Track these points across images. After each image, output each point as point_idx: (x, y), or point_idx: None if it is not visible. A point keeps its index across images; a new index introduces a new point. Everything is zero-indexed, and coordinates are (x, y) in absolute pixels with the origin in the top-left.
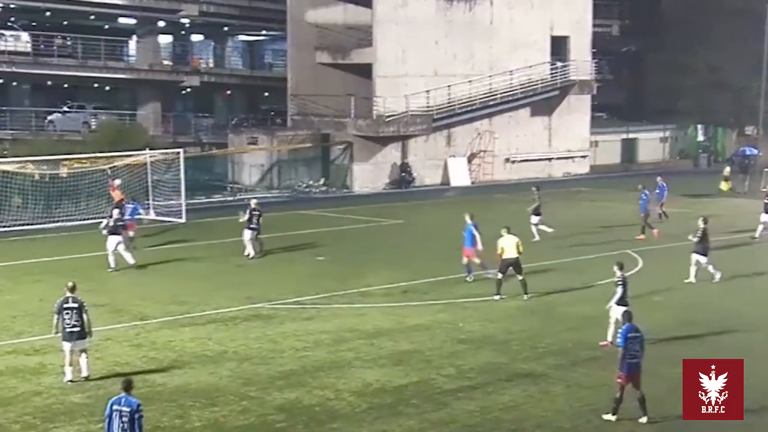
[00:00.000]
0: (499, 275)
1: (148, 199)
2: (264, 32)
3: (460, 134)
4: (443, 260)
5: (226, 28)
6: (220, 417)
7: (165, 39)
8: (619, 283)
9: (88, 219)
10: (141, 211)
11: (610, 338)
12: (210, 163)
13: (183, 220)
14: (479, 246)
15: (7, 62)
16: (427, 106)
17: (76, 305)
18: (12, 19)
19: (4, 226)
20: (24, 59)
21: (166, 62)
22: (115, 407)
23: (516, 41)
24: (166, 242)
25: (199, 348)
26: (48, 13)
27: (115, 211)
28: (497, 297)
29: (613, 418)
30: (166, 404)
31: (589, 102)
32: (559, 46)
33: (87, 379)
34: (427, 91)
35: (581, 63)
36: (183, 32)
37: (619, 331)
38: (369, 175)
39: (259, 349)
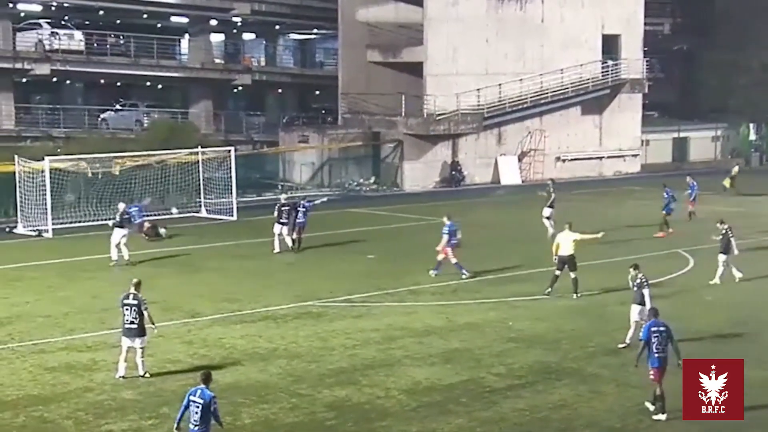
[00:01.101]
0: (557, 272)
1: (199, 197)
2: (315, 31)
3: (511, 133)
4: (493, 259)
5: (277, 27)
6: (270, 414)
7: (217, 38)
8: (645, 283)
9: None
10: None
11: (628, 340)
12: (261, 162)
13: (234, 218)
14: (446, 247)
15: (61, 61)
16: (478, 105)
17: (135, 302)
18: (66, 17)
19: (57, 224)
20: (77, 58)
21: (218, 61)
22: (191, 398)
23: (567, 40)
24: (217, 240)
25: (249, 345)
26: (101, 12)
27: (121, 205)
28: (548, 291)
29: (663, 417)
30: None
31: (641, 100)
32: (610, 45)
33: (142, 377)
34: (478, 90)
35: (632, 61)
36: (235, 31)
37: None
38: (419, 173)
39: (309, 346)
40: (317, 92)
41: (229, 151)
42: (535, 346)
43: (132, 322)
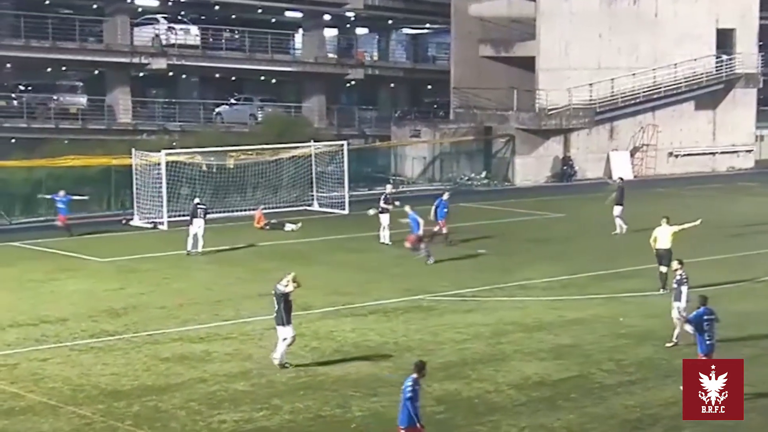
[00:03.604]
0: (662, 269)
1: (312, 191)
2: (428, 25)
3: (623, 128)
4: (604, 254)
5: (390, 22)
6: (380, 407)
7: (330, 32)
8: (684, 281)
9: (253, 209)
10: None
11: (675, 339)
12: (373, 156)
13: (346, 212)
14: (421, 231)
15: (177, 55)
16: (590, 100)
17: (280, 293)
18: (182, 13)
19: (172, 216)
20: (193, 52)
21: (331, 55)
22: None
23: (681, 34)
24: (329, 234)
25: (360, 338)
26: (217, 7)
27: (196, 199)
28: (661, 291)
29: None
30: (327, 393)
31: (755, 96)
32: (724, 39)
33: (282, 366)
34: (590, 84)
35: (747, 56)
36: (348, 25)
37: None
38: (531, 168)
39: (419, 340)
40: (429, 87)
41: (342, 145)
42: (645, 342)
43: (276, 312)
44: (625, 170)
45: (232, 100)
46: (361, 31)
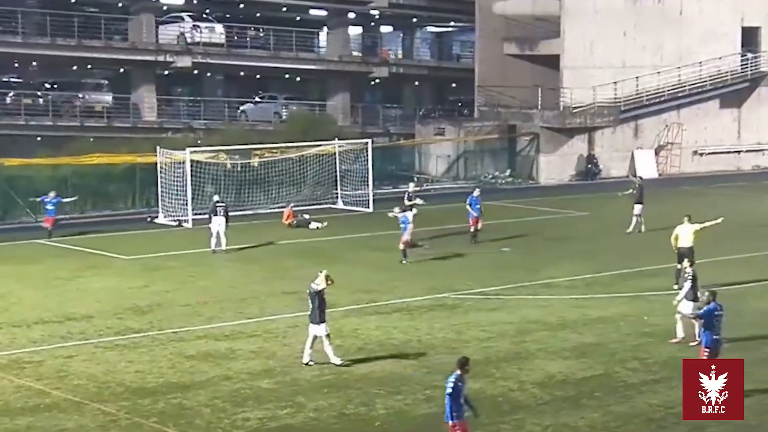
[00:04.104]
0: (678, 266)
1: (336, 189)
2: (452, 23)
3: (648, 126)
4: (629, 253)
5: (414, 20)
6: (404, 405)
7: (355, 30)
8: (688, 277)
9: (277, 207)
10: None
11: (681, 334)
12: (397, 154)
13: (370, 210)
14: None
15: (202, 53)
16: (615, 98)
17: (314, 291)
18: (207, 11)
19: (197, 214)
20: (218, 50)
21: (355, 53)
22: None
23: (706, 32)
24: (353, 231)
25: (384, 336)
26: (241, 6)
27: (215, 197)
28: (677, 287)
29: None
30: (351, 391)
31: None
32: (750, 37)
33: (338, 365)
34: (615, 83)
35: None
36: (372, 24)
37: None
38: (555, 166)
39: (443, 338)
40: (453, 85)
41: (366, 143)
42: (669, 341)
43: (311, 310)
44: (650, 169)
45: (257, 98)
46: (385, 29)
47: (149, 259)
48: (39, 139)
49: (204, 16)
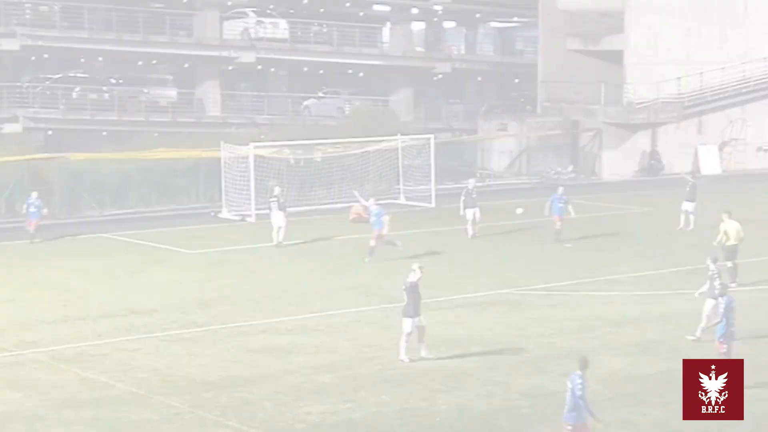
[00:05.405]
0: (729, 263)
1: (398, 184)
2: (515, 19)
3: (712, 122)
4: (691, 249)
5: (477, 15)
6: (466, 401)
7: (418, 26)
8: (714, 276)
9: (340, 203)
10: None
11: (699, 333)
12: (459, 149)
13: (432, 205)
14: (385, 230)
15: (266, 49)
16: (678, 94)
17: (408, 284)
18: (271, 7)
19: (260, 209)
20: (282, 46)
21: (418, 49)
22: (568, 383)
23: None
24: (415, 227)
25: (446, 332)
26: (305, 1)
27: (277, 189)
28: (734, 284)
29: None
30: (412, 386)
31: None
32: None
33: (424, 358)
34: (679, 78)
35: None
36: (435, 19)
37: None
38: (618, 162)
39: (505, 334)
40: (516, 80)
41: (429, 138)
42: None
43: (408, 304)
44: (714, 165)
45: (320, 94)
46: (448, 24)
47: (213, 254)
48: (104, 133)
49: (268, 11)
